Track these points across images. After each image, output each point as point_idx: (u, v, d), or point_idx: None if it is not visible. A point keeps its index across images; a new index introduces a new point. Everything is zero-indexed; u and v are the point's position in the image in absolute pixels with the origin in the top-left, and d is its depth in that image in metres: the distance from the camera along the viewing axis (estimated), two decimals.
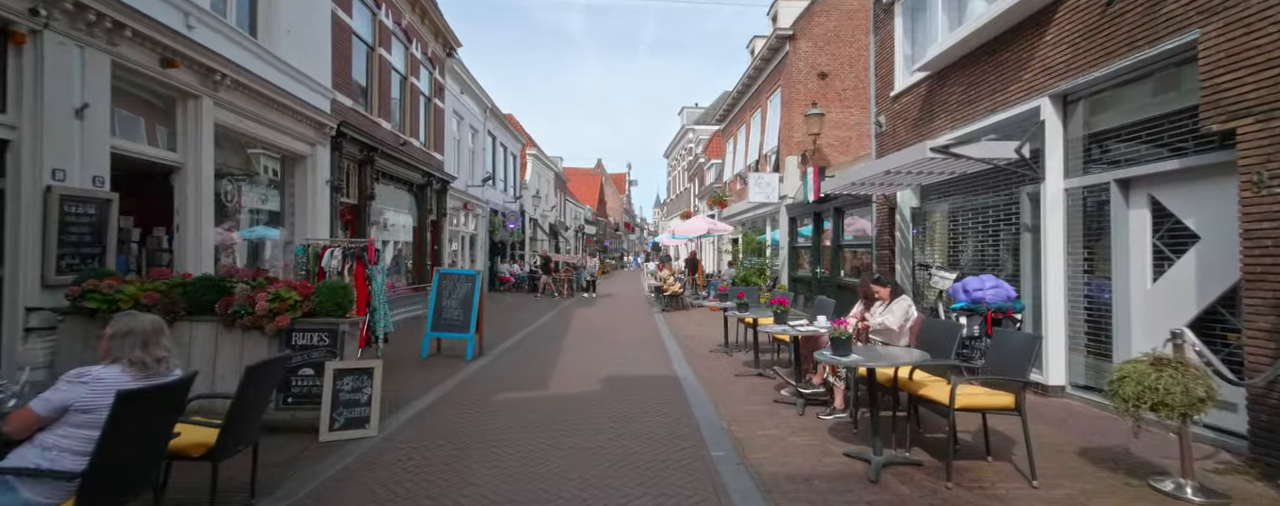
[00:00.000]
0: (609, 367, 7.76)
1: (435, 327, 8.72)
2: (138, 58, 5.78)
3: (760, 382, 6.64)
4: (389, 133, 12.59)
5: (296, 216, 9.25)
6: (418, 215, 14.89)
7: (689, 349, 9.19)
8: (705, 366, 7.73)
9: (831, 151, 14.91)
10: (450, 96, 17.28)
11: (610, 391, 6.37)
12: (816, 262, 13.05)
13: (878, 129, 9.52)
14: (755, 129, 18.82)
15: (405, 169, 13.44)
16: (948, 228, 8.18)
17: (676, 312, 14.84)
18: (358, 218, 11.21)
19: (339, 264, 6.97)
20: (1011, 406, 3.49)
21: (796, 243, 14.94)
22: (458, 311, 8.79)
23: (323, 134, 9.45)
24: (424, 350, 8.60)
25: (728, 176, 22.93)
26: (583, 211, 49.11)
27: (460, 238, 18.94)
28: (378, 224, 12.57)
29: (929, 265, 7.72)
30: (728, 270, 16.66)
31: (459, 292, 8.88)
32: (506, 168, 26.08)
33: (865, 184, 7.75)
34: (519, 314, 14.52)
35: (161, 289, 4.80)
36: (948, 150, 5.76)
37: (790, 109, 15.30)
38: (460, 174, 18.52)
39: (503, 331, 11.27)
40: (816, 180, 12.12)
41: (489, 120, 21.75)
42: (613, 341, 10.13)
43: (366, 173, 11.32)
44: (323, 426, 4.75)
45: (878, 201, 9.51)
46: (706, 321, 12.76)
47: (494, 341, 10.09)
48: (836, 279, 11.79)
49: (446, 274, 9.02)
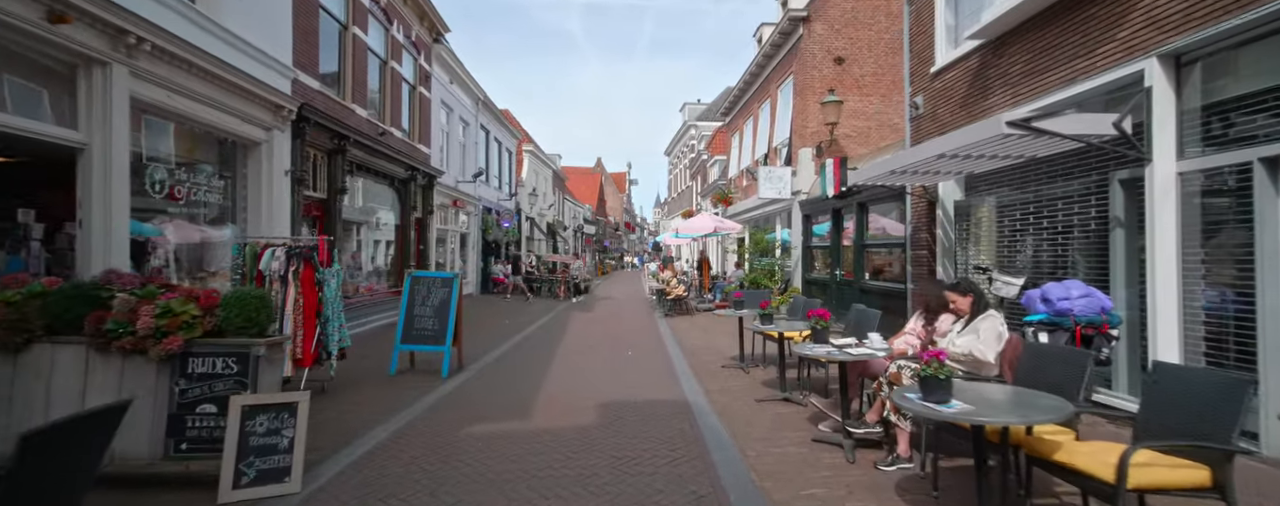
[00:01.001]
0: (605, 388, 6.59)
1: (406, 340, 7.55)
2: (14, 8, 4.62)
3: (789, 411, 5.47)
4: (365, 121, 11.43)
5: (248, 211, 8.08)
6: (401, 212, 13.72)
7: (698, 363, 8.01)
8: (719, 387, 6.56)
9: (849, 143, 13.75)
10: (438, 86, 16.13)
11: (605, 423, 5.20)
12: (836, 264, 11.89)
13: (913, 111, 8.36)
14: (764, 121, 17.65)
15: (385, 161, 12.27)
16: (997, 223, 7.03)
17: (680, 318, 13.68)
18: (327, 214, 10.04)
19: (281, 266, 5.80)
20: (1207, 485, 2.31)
21: (811, 242, 13.77)
22: (432, 320, 7.62)
23: (280, 117, 8.28)
24: (392, 366, 7.43)
25: (733, 172, 21.77)
26: (582, 211, 47.95)
27: (450, 236, 17.78)
28: (352, 221, 11.41)
29: (987, 268, 6.55)
30: (735, 272, 15.51)
31: (434, 299, 7.71)
32: (501, 164, 24.92)
33: (906, 172, 6.58)
34: (510, 319, 13.35)
35: (12, 300, 3.63)
36: (1028, 125, 4.59)
37: (804, 97, 14.13)
38: (449, 169, 17.36)
39: (489, 339, 10.11)
40: (837, 172, 10.94)
41: (481, 112, 20.59)
42: (611, 353, 8.96)
43: (337, 164, 10.15)
44: (224, 482, 3.57)
45: (914, 194, 8.34)
46: (714, 328, 11.59)
47: (477, 352, 8.92)
48: (860, 282, 10.62)
49: (419, 277, 7.85)
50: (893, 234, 10.06)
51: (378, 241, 13.02)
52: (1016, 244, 6.69)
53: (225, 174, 7.86)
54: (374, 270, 12.82)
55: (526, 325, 12.40)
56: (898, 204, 9.69)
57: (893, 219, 10.11)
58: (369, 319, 11.11)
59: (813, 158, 13.96)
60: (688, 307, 14.65)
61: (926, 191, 7.88)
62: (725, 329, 11.35)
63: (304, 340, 5.82)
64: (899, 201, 9.53)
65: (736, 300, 7.57)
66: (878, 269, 10.51)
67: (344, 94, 10.77)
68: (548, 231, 33.74)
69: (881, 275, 10.32)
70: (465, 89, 18.71)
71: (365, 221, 12.08)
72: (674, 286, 14.89)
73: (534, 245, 30.68)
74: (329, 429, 5.06)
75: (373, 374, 7.44)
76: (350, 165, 10.77)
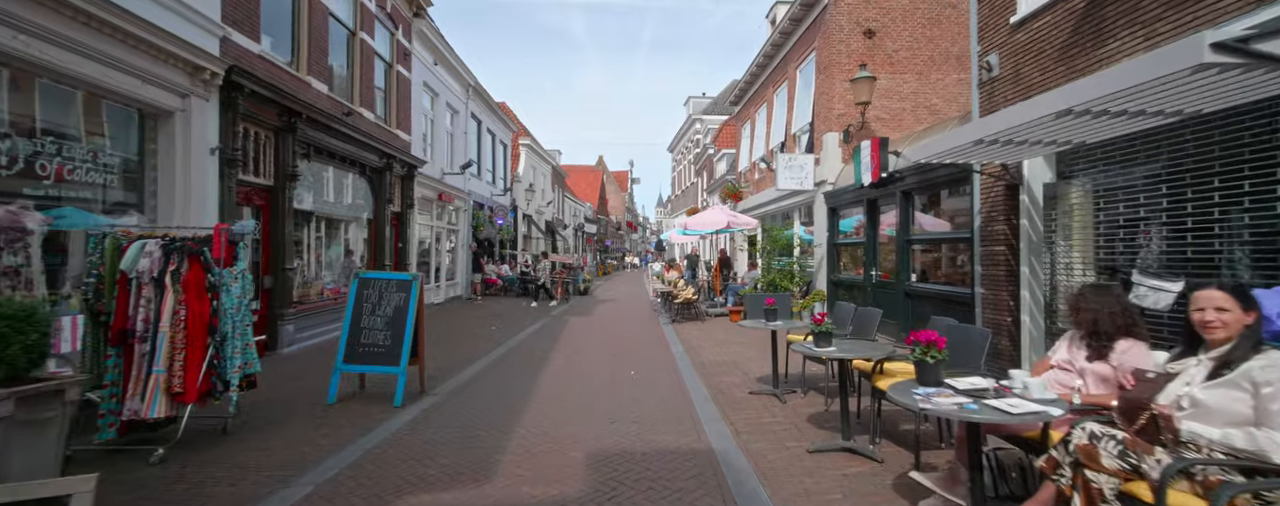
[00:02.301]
0: (601, 428, 5.00)
1: (350, 359, 5.98)
2: None
3: (863, 470, 3.87)
4: (325, 97, 9.85)
5: (160, 197, 6.50)
6: (374, 204, 12.15)
7: (719, 387, 6.42)
8: (751, 424, 4.96)
9: (881, 127, 12.13)
10: (420, 67, 14.56)
11: (597, 495, 3.60)
12: (871, 264, 10.27)
13: (985, 74, 6.75)
14: (780, 107, 16.03)
15: (353, 146, 10.70)
16: (1097, 211, 5.45)
17: (690, 324, 12.08)
18: (274, 203, 8.46)
19: (154, 265, 4.21)
20: None
21: (837, 238, 12.16)
22: (384, 334, 6.05)
23: (201, 82, 6.70)
24: (331, 392, 5.85)
25: (744, 165, 20.16)
26: (583, 209, 46.35)
27: (435, 233, 16.20)
28: (311, 213, 9.83)
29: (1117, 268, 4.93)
30: (748, 273, 13.93)
31: (386, 306, 6.14)
32: (495, 157, 23.35)
33: (997, 143, 4.96)
34: (497, 325, 11.76)
35: None
36: (1246, 48, 2.99)
37: (828, 75, 12.52)
38: (435, 159, 15.80)
39: (469, 351, 8.52)
40: (876, 156, 9.33)
41: (472, 100, 19.01)
42: (610, 372, 7.37)
43: (287, 144, 8.57)
44: None
45: (985, 178, 6.73)
46: (731, 337, 9.99)
47: (449, 369, 7.34)
48: (903, 284, 8.99)
49: (369, 279, 6.26)
50: (948, 227, 8.45)
51: (345, 237, 11.45)
52: (1130, 236, 5.09)
53: (123, 150, 6.27)
54: (343, 270, 11.25)
55: (515, 332, 10.81)
56: (957, 191, 8.08)
57: (950, 209, 8.50)
58: (328, 327, 9.54)
59: (840, 143, 12.34)
60: (697, 313, 13.05)
61: (1006, 172, 6.27)
62: (744, 337, 9.75)
63: (187, 366, 4.24)
64: (960, 188, 7.93)
65: (768, 308, 5.95)
66: (929, 269, 8.88)
67: (298, 64, 9.19)
68: (546, 230, 32.16)
69: (935, 276, 8.69)
70: (453, 73, 17.13)
71: (328, 214, 10.51)
72: (682, 289, 13.29)
73: (531, 244, 29.11)
74: (202, 500, 3.48)
75: (306, 402, 5.86)
76: (305, 147, 9.19)
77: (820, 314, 4.22)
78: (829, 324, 4.17)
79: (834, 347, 4.13)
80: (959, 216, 8.03)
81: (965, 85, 12.46)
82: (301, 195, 9.28)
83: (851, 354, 4.11)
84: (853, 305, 6.17)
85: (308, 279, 9.85)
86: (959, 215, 8.03)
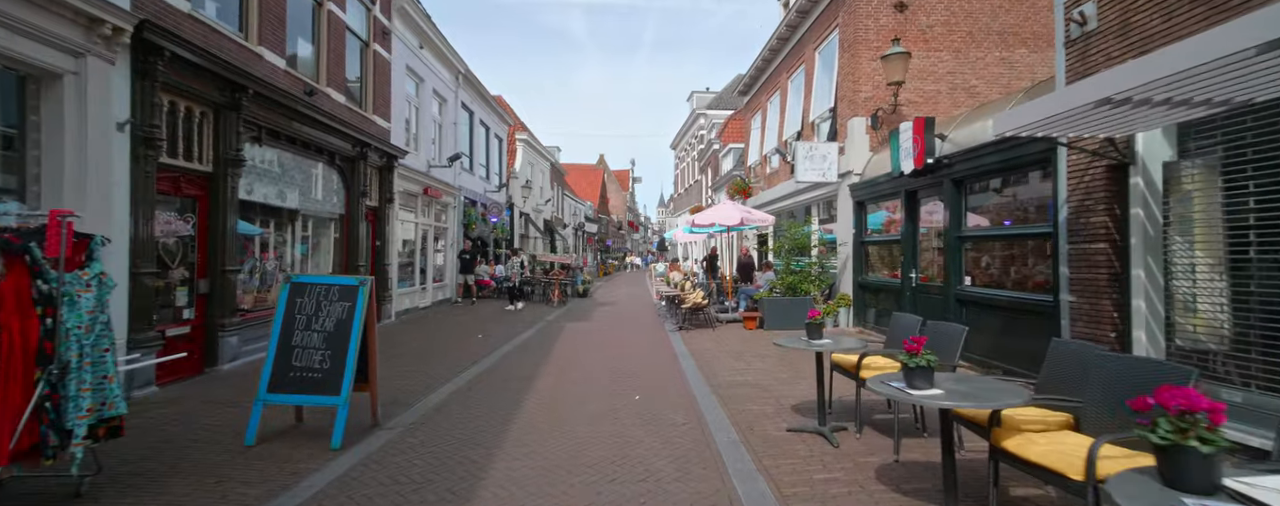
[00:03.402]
0: (596, 494, 3.68)
1: (277, 387, 4.68)
2: None
3: None
4: (282, 73, 8.55)
5: (45, 181, 5.21)
6: (346, 198, 10.85)
7: (746, 420, 5.10)
8: (800, 482, 3.66)
9: (912, 112, 10.80)
10: (403, 48, 13.26)
11: None
12: (910, 264, 8.94)
13: (1076, 29, 5.43)
14: (795, 94, 14.73)
15: (318, 130, 9.41)
16: (1234, 196, 4.17)
17: (699, 332, 10.76)
18: (213, 193, 7.17)
19: None
20: None
21: (865, 236, 10.85)
22: (320, 354, 4.75)
23: (102, 39, 5.40)
24: (251, 430, 4.55)
25: (754, 159, 18.86)
26: (583, 208, 45.03)
27: (421, 231, 14.90)
28: (263, 205, 8.53)
29: None
30: (763, 275, 12.61)
31: (325, 319, 4.84)
32: (490, 151, 22.07)
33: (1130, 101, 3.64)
34: (483, 333, 10.45)
35: None
36: None
37: (854, 54, 11.21)
38: (420, 151, 14.51)
39: (442, 368, 7.20)
40: (920, 139, 8.02)
41: (463, 88, 17.71)
42: (607, 397, 6.06)
43: (229, 124, 7.28)
44: None
45: (1077, 155, 5.42)
46: (748, 348, 8.67)
47: (412, 392, 6.03)
48: (953, 289, 7.67)
49: (303, 285, 4.96)
50: (1016, 221, 7.13)
51: (311, 235, 10.15)
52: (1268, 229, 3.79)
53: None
54: (304, 272, 9.95)
55: (503, 342, 9.49)
56: (1024, 178, 6.77)
57: (1018, 199, 7.18)
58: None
59: (867, 129, 11.04)
60: (708, 319, 11.74)
61: (1113, 147, 4.94)
62: (764, 348, 8.43)
63: (2, 415, 2.93)
64: (1029, 173, 6.61)
65: (811, 322, 4.64)
66: (989, 271, 7.54)
67: (246, 32, 7.89)
68: (545, 229, 30.85)
69: (996, 280, 7.34)
70: (441, 58, 15.83)
71: (288, 207, 9.21)
72: (690, 292, 11.98)
73: (528, 243, 27.81)
74: None
75: (220, 440, 4.57)
76: (256, 129, 7.90)
77: (915, 339, 2.89)
78: (929, 355, 2.85)
79: (938, 390, 2.81)
80: (1030, 207, 6.71)
81: (1008, 64, 11.15)
82: (251, 184, 7.98)
83: (974, 403, 2.78)
84: (918, 317, 4.85)
85: (265, 282, 8.56)
86: (1030, 206, 6.71)
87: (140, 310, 5.82)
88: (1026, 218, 6.75)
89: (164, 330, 6.30)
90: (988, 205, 7.60)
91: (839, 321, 11.05)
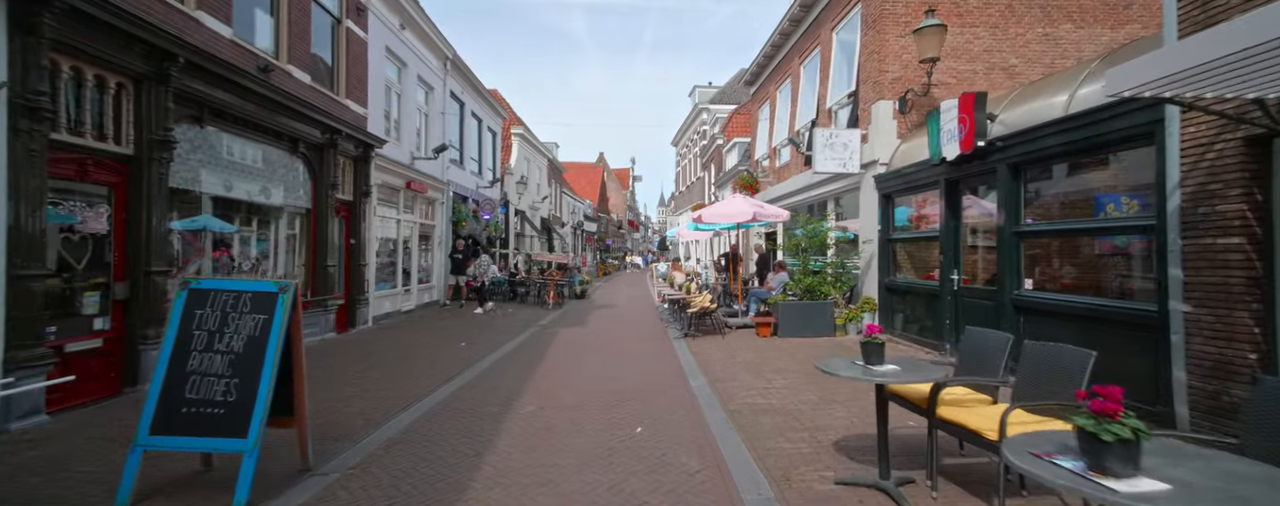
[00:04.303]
0: None
1: (164, 427, 3.56)
2: None
3: None
4: (227, 43, 7.42)
5: None
6: (313, 190, 9.71)
7: (779, 464, 3.97)
8: None
9: (944, 95, 9.66)
10: (382, 28, 12.12)
11: None
12: (952, 265, 7.79)
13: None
14: (808, 81, 13.59)
15: (277, 112, 8.28)
16: None
17: (708, 340, 9.63)
18: (133, 180, 6.03)
19: None
20: None
21: (892, 232, 9.70)
22: (225, 383, 3.62)
23: None
24: (123, 489, 3.42)
25: (761, 151, 17.72)
26: (582, 206, 43.88)
27: (404, 228, 13.76)
28: (208, 196, 7.40)
29: None
30: (775, 276, 11.48)
31: (233, 337, 3.72)
32: (483, 146, 20.94)
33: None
34: (466, 340, 9.29)
35: None
36: None
37: (880, 30, 10.07)
38: (402, 141, 13.38)
39: (410, 386, 6.05)
40: (971, 118, 6.88)
41: (451, 76, 16.57)
42: (601, 432, 4.92)
43: (155, 98, 6.14)
44: None
45: (1196, 125, 4.28)
46: (766, 360, 7.53)
47: (366, 420, 4.88)
48: (1008, 295, 6.52)
49: (205, 292, 3.82)
50: (1097, 211, 6.00)
51: (269, 233, 9.02)
52: None
53: None
54: (265, 274, 8.83)
55: (489, 352, 8.35)
56: (1115, 157, 5.62)
57: (1098, 185, 6.05)
58: None
59: (895, 114, 9.90)
60: (716, 324, 10.60)
61: (1262, 112, 3.80)
62: (785, 361, 7.29)
63: None
64: (1122, 152, 5.46)
65: (869, 341, 3.50)
66: (1060, 273, 6.37)
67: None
68: (542, 227, 29.71)
69: (1075, 285, 6.14)
70: (427, 42, 14.68)
71: (238, 199, 8.07)
72: (697, 295, 10.84)
73: (525, 242, 26.68)
74: None
75: (87, 500, 3.44)
76: (195, 107, 6.77)
77: (1110, 394, 1.74)
78: (1133, 421, 1.70)
79: (1163, 485, 1.63)
80: (1118, 195, 5.56)
81: (1052, 42, 10.02)
82: (187, 172, 6.85)
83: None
84: (1006, 335, 3.70)
85: None
86: (1119, 193, 5.56)
87: (21, 322, 4.68)
88: (1111, 208, 5.60)
89: (61, 345, 5.18)
90: (1054, 194, 6.45)
91: (862, 328, 9.90)
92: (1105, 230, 5.68)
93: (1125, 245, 5.44)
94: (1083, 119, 5.38)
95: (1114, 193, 5.59)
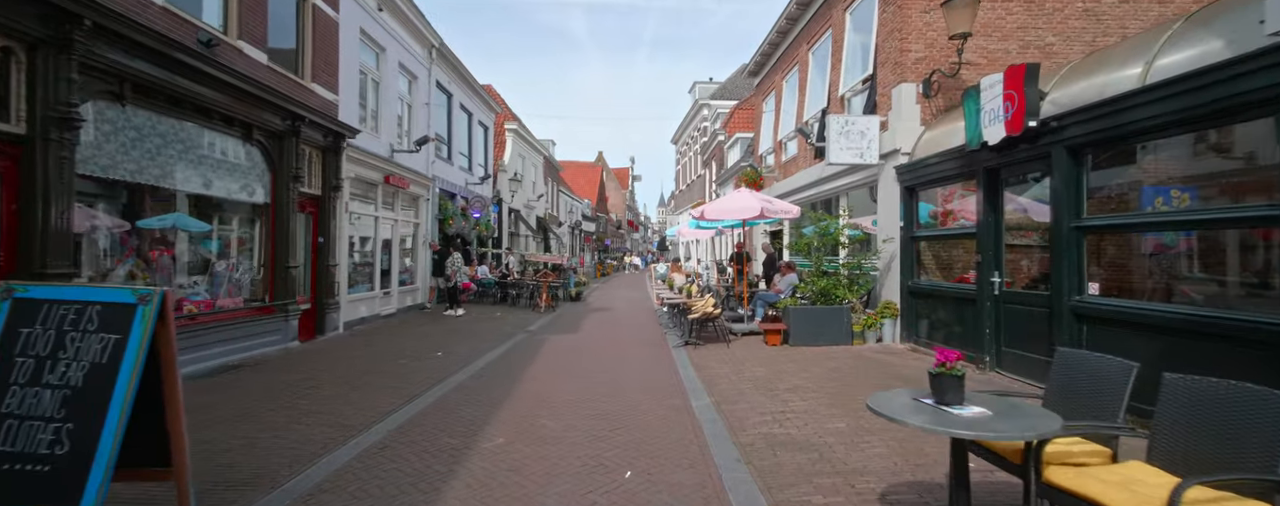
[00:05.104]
0: None
1: None
2: None
3: None
4: (155, 9, 6.45)
5: None
6: (272, 182, 8.72)
7: None
8: None
9: (972, 77, 8.67)
10: (355, 7, 11.14)
11: None
12: (992, 265, 6.79)
13: None
14: (818, 67, 12.62)
15: (222, 93, 7.30)
16: None
17: (712, 350, 8.63)
18: (27, 166, 5.05)
19: None
20: None
21: (917, 229, 8.71)
22: (53, 427, 2.63)
23: None
24: None
25: (767, 145, 16.73)
26: (580, 205, 42.88)
27: (382, 226, 12.76)
28: (134, 185, 6.42)
29: None
30: (783, 278, 10.52)
31: (68, 365, 2.72)
32: (473, 140, 19.96)
33: None
34: (443, 349, 8.29)
35: None
36: None
37: (901, 6, 9.08)
38: (381, 132, 12.41)
39: (359, 409, 5.05)
40: (1020, 95, 5.89)
41: (437, 65, 15.58)
42: (582, 479, 3.92)
43: (55, 68, 5.16)
44: None
45: None
46: (778, 375, 6.53)
47: (294, 454, 3.87)
48: (1068, 301, 5.51)
49: (33, 302, 2.82)
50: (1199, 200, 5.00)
51: (216, 229, 8.04)
52: None
53: None
54: (216, 277, 7.85)
55: (461, 366, 7.35)
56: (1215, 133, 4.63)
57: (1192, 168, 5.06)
58: (204, 351, 6.17)
59: (918, 98, 8.91)
60: (720, 331, 9.62)
61: None
62: (801, 376, 6.29)
63: None
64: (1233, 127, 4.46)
65: (941, 372, 2.51)
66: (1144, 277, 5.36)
67: None
68: (537, 227, 28.71)
69: (1165, 292, 5.12)
70: (408, 26, 13.69)
71: (178, 190, 7.09)
72: (700, 300, 9.86)
73: (519, 242, 25.71)
74: None
75: None
76: (110, 80, 5.79)
77: None
78: None
79: None
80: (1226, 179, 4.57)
81: (1093, 17, 9.03)
82: (104, 157, 5.86)
83: None
84: (1118, 360, 2.72)
85: None
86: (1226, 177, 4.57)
87: None
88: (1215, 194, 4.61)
89: None
90: (1126, 181, 5.46)
91: (883, 336, 8.94)
92: (1214, 222, 4.62)
93: (1236, 242, 4.44)
94: (1170, 87, 4.39)
95: (1219, 176, 4.58)
